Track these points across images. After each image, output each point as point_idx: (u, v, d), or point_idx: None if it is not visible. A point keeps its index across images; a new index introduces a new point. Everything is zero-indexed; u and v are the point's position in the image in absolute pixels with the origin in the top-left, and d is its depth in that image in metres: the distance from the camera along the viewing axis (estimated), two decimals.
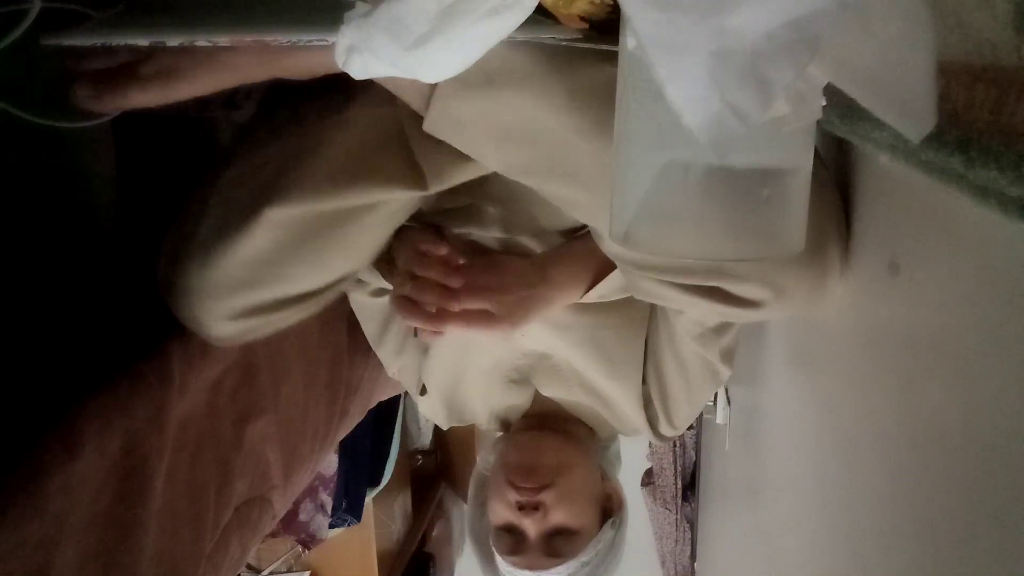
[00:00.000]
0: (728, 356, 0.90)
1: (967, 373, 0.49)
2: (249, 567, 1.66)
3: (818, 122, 0.42)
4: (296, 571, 1.72)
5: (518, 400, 1.04)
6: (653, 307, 0.92)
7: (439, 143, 0.68)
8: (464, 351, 0.98)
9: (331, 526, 1.64)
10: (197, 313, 0.72)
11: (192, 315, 0.72)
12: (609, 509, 1.04)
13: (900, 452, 0.60)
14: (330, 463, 1.54)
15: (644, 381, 0.95)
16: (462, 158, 0.69)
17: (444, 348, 0.97)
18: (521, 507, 0.95)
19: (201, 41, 0.55)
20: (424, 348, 0.99)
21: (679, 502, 1.78)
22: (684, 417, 0.99)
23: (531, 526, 0.96)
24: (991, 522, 0.46)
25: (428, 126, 0.65)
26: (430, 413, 1.09)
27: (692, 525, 1.72)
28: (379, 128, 0.72)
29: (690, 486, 1.76)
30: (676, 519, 1.78)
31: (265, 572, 1.68)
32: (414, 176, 0.72)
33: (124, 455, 0.63)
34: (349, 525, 1.67)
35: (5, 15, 0.56)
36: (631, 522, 1.08)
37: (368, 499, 1.70)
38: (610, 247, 0.73)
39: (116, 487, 0.62)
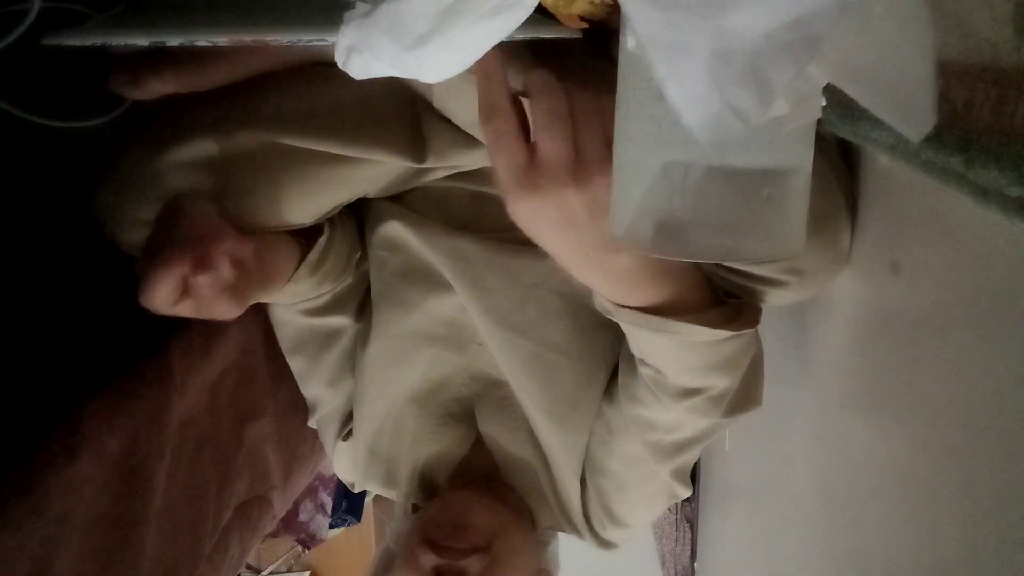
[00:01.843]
0: (682, 476, 0.79)
1: (968, 373, 0.49)
2: (249, 567, 1.66)
3: (818, 122, 0.42)
4: (296, 571, 1.72)
5: (452, 446, 0.85)
6: (610, 384, 0.79)
7: (448, 123, 0.69)
8: (406, 364, 0.83)
9: (331, 526, 1.64)
10: (124, 201, 0.67)
11: (117, 203, 0.67)
12: None
13: (900, 451, 0.60)
14: (330, 463, 1.54)
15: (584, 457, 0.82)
16: (469, 140, 0.70)
17: (385, 358, 0.83)
18: (439, 573, 0.74)
19: (201, 41, 0.55)
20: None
21: (679, 502, 1.77)
22: (633, 516, 0.83)
23: None
24: (993, 520, 0.46)
25: (437, 104, 0.68)
26: (347, 469, 0.92)
27: (692, 525, 1.71)
28: (389, 94, 0.70)
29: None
30: (676, 519, 1.78)
31: (265, 572, 1.68)
32: (413, 148, 0.71)
33: (124, 455, 0.63)
34: (349, 525, 1.67)
35: (5, 15, 0.56)
36: None
37: (368, 499, 1.70)
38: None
39: (116, 487, 0.62)
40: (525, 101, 0.49)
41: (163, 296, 0.58)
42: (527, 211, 0.49)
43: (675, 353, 0.63)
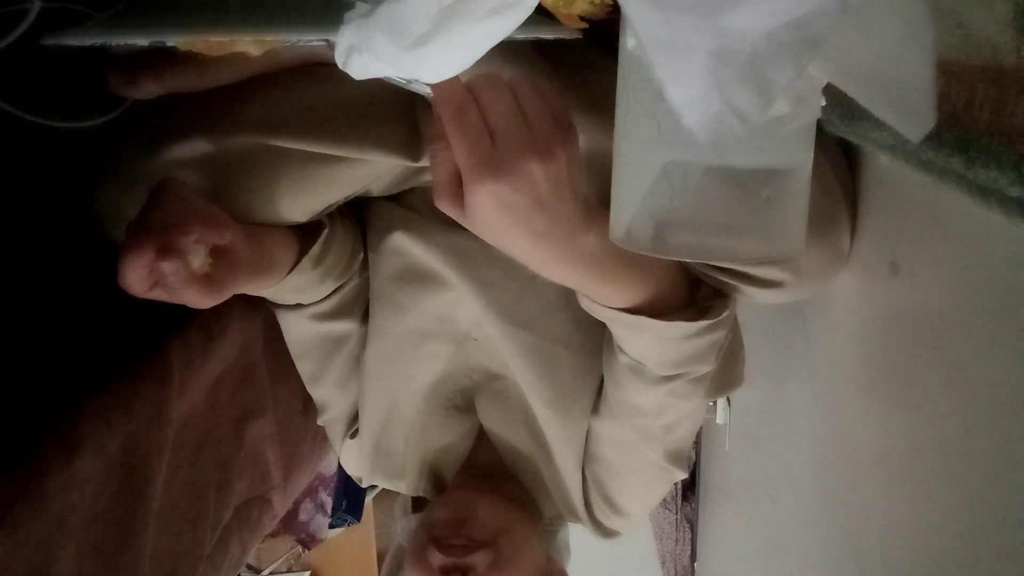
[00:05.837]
0: (677, 458, 0.79)
1: (967, 372, 0.49)
2: (249, 567, 1.66)
3: (818, 122, 0.42)
4: (296, 571, 1.72)
5: (458, 437, 0.86)
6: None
7: None
8: (406, 362, 0.84)
9: (331, 526, 1.64)
10: (122, 201, 0.67)
11: (115, 202, 0.68)
12: None
13: (900, 451, 0.60)
14: (330, 463, 1.54)
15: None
16: None
17: (383, 356, 0.84)
18: (445, 572, 0.74)
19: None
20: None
21: (679, 502, 1.78)
22: (633, 503, 0.84)
23: None
24: (992, 518, 0.46)
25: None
26: (354, 465, 0.93)
27: (692, 525, 1.72)
28: (386, 93, 0.70)
29: (690, 486, 1.76)
30: (676, 519, 1.78)
31: (265, 572, 1.68)
32: (409, 147, 0.71)
33: (124, 455, 0.63)
34: (349, 525, 1.67)
35: (5, 15, 0.56)
36: None
37: (368, 499, 1.70)
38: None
39: (116, 487, 0.62)
40: None
41: (133, 281, 0.57)
42: (495, 197, 0.48)
43: (654, 347, 0.65)
